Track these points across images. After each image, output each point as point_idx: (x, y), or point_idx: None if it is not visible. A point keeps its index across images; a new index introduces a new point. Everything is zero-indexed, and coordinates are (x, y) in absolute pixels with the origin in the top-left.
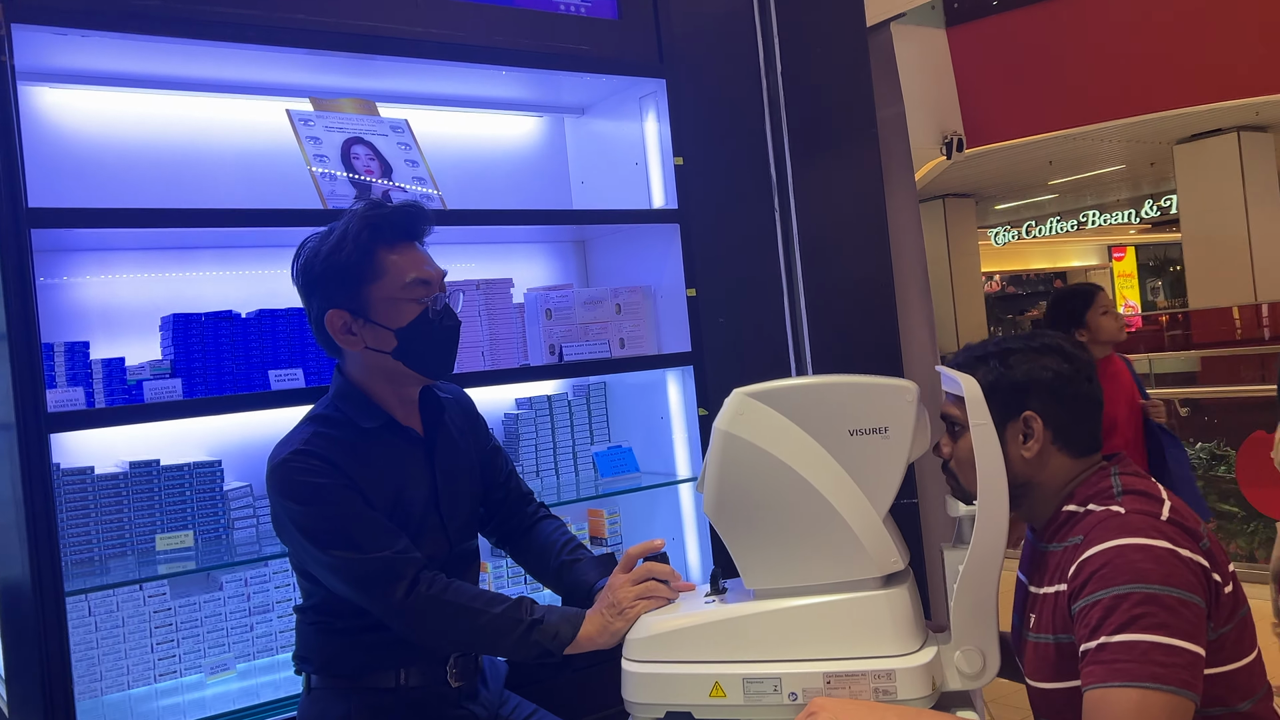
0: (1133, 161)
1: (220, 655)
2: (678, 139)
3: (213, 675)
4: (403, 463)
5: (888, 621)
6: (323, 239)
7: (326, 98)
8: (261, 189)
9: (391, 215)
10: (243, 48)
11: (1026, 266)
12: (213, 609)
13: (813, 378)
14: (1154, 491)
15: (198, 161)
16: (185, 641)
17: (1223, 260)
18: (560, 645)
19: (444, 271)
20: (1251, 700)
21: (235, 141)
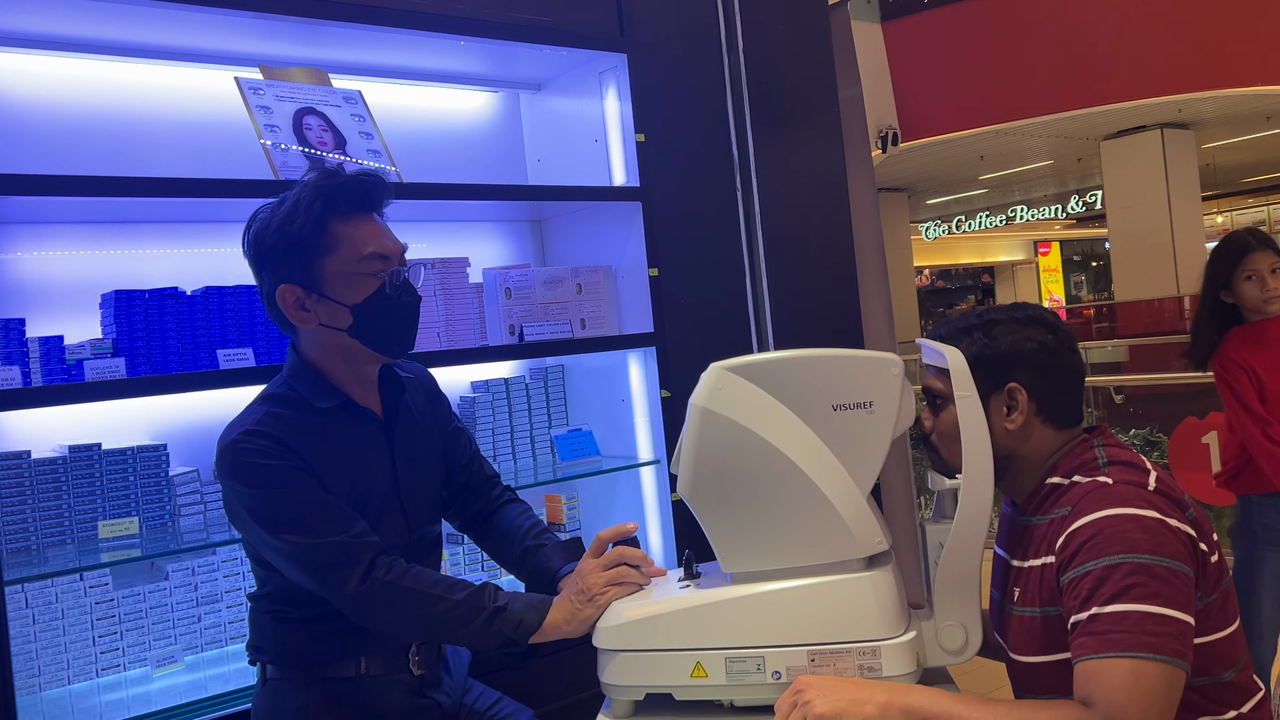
0: (1060, 157)
1: (167, 647)
2: (639, 115)
3: (159, 669)
4: (360, 445)
5: (873, 604)
6: (274, 209)
7: (277, 66)
8: (209, 161)
9: (347, 185)
10: (189, 10)
11: (955, 261)
12: (158, 599)
13: (794, 351)
14: (1139, 462)
15: (141, 131)
16: (129, 634)
17: (1147, 254)
18: (525, 634)
19: (404, 245)
20: (1234, 669)
21: (181, 111)
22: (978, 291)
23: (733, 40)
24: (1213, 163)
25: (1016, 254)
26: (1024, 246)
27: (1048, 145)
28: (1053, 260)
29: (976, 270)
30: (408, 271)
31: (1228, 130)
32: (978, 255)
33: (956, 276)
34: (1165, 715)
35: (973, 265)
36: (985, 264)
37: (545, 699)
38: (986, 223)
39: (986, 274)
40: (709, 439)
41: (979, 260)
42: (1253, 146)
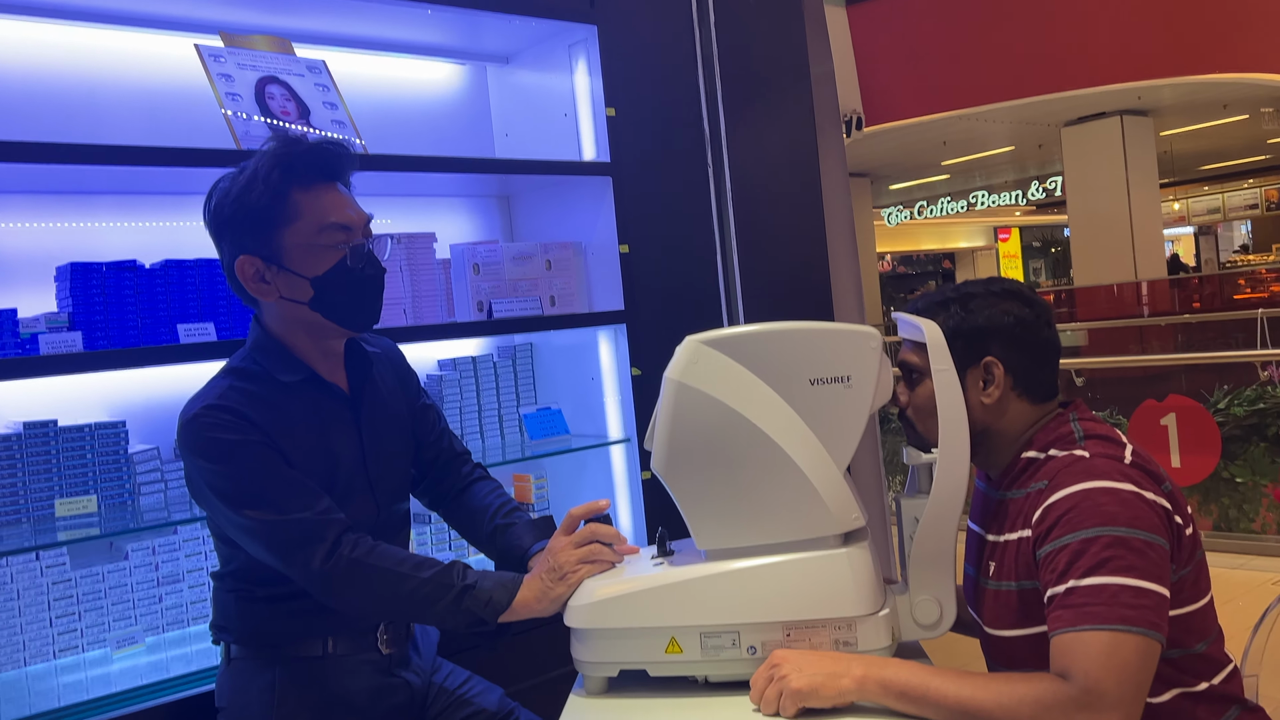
0: (1022, 143)
1: (127, 628)
2: (609, 89)
3: (119, 649)
4: (326, 420)
5: (849, 581)
6: (233, 179)
7: (238, 34)
8: (167, 130)
9: (307, 154)
10: None
11: (917, 247)
12: (117, 579)
13: (771, 324)
14: (1115, 436)
15: (96, 98)
16: (88, 614)
17: (1106, 239)
18: (494, 612)
19: (369, 216)
20: (1206, 641)
21: (137, 78)
22: (938, 277)
23: (704, 14)
24: (1170, 150)
25: (977, 240)
26: (984, 232)
27: (1009, 131)
28: (1013, 246)
29: (938, 256)
30: (372, 243)
31: (1185, 118)
32: (939, 241)
33: (918, 262)
34: (1141, 687)
35: (934, 251)
36: (946, 250)
37: (515, 677)
38: (948, 208)
39: (947, 260)
40: (684, 414)
41: (940, 246)
42: (1209, 134)
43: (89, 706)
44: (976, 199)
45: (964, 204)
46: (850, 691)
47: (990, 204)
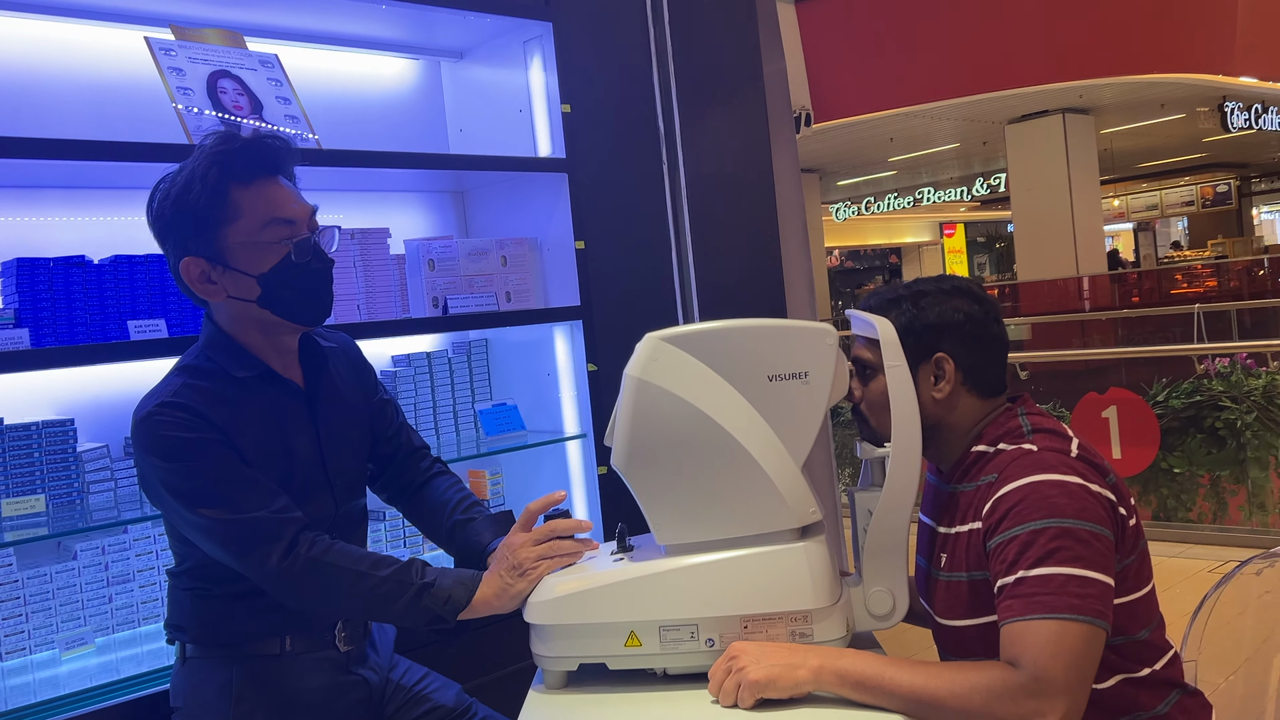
0: (967, 140)
1: (76, 629)
2: (565, 86)
3: (68, 651)
4: (282, 416)
5: (806, 574)
6: (172, 179)
7: (189, 27)
8: (115, 123)
9: (244, 149)
10: None
11: (864, 242)
12: (66, 579)
13: (730, 321)
14: (1061, 429)
15: (42, 90)
16: (35, 615)
17: (1048, 235)
18: (453, 610)
19: (313, 208)
20: (1148, 629)
21: (85, 70)
22: (885, 272)
23: (659, 12)
24: (1110, 148)
25: (923, 235)
26: (930, 228)
27: (955, 128)
28: (957, 241)
29: (884, 251)
30: (318, 235)
31: (1124, 116)
32: (885, 236)
33: (865, 257)
34: (1087, 673)
35: (880, 246)
36: (893, 245)
37: (472, 672)
38: (895, 204)
39: (894, 255)
40: (644, 410)
41: (887, 241)
42: (1147, 133)
43: (38, 709)
44: (923, 195)
45: (910, 200)
46: (807, 682)
47: (936, 200)
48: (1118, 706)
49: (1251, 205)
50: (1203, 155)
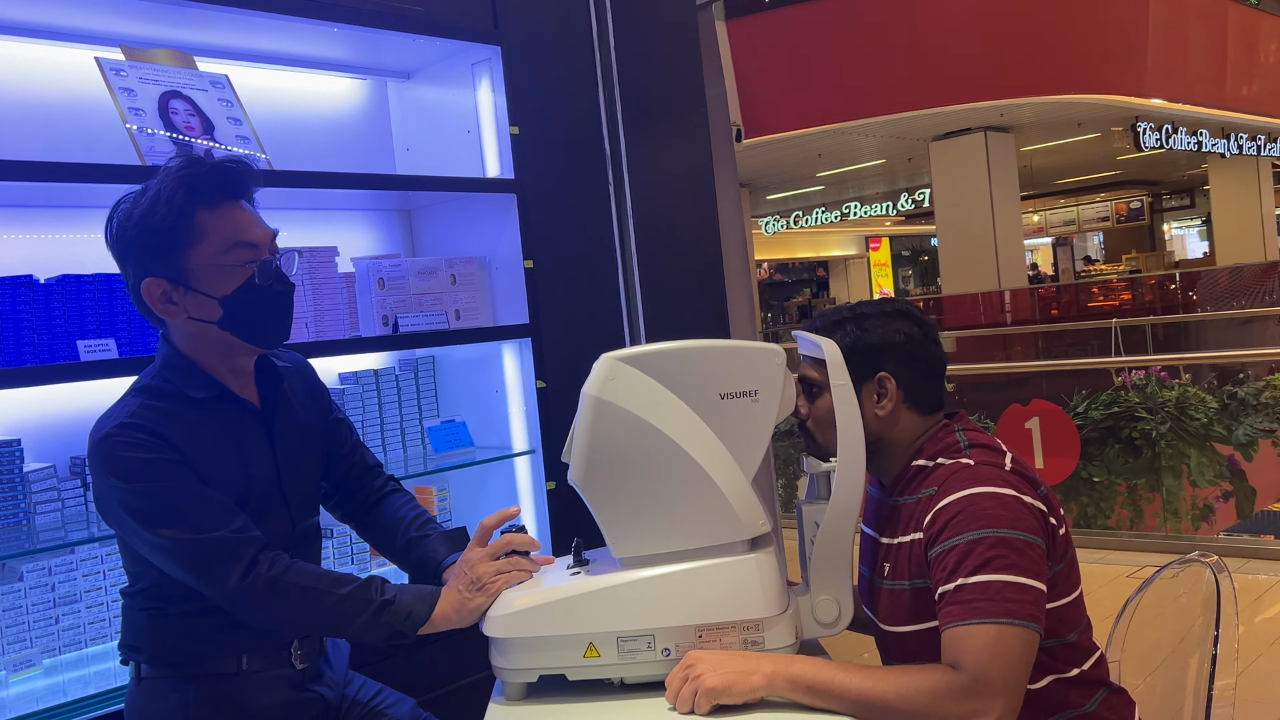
0: (892, 156)
1: (22, 651)
2: (513, 108)
3: (16, 673)
4: (239, 436)
5: (757, 584)
6: (135, 200)
7: (139, 47)
8: (64, 143)
9: (211, 173)
10: None
11: (793, 255)
12: (11, 601)
13: (684, 342)
14: (996, 444)
15: None
16: None
17: (971, 250)
18: (414, 626)
19: (274, 232)
20: (1076, 631)
21: (30, 89)
22: (813, 285)
23: (604, 36)
24: (1030, 165)
25: (849, 249)
26: (856, 241)
27: (881, 144)
28: (883, 255)
29: (812, 264)
30: (279, 259)
31: (1043, 135)
32: (813, 250)
33: (793, 270)
34: (1023, 674)
35: (808, 259)
36: (820, 258)
37: (425, 687)
38: (823, 218)
39: (821, 268)
40: (601, 427)
41: (814, 254)
42: (1065, 151)
43: None
44: (850, 209)
45: (838, 214)
46: (760, 688)
47: (862, 214)
48: (1049, 705)
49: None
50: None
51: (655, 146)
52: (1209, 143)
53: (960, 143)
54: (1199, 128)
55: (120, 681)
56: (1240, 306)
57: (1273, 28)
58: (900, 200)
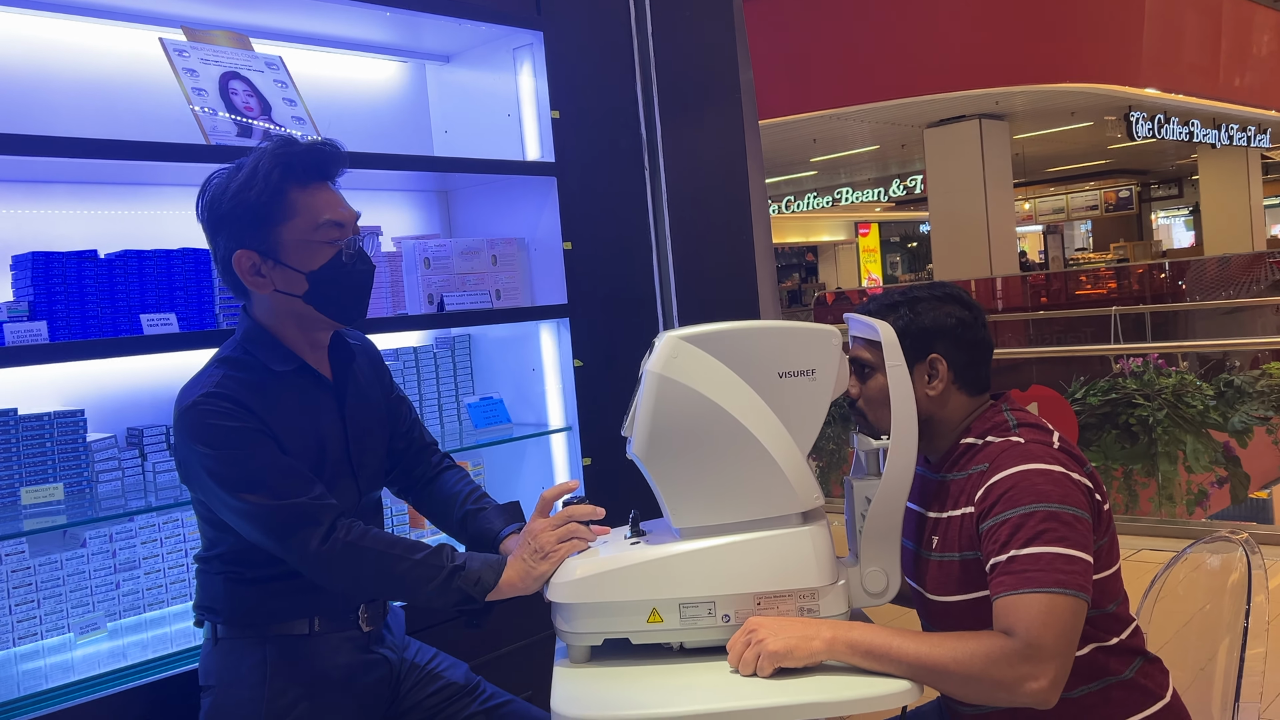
0: (886, 142)
1: (86, 615)
2: (554, 92)
3: (83, 635)
4: (314, 408)
5: (811, 556)
6: (230, 175)
7: (199, 29)
8: (119, 120)
9: (305, 154)
10: None
11: (783, 240)
12: (75, 566)
13: (744, 323)
14: (1043, 424)
15: (53, 88)
16: (46, 602)
17: (963, 237)
18: (483, 591)
19: (358, 214)
20: (1116, 603)
21: (94, 69)
22: (802, 269)
23: (642, 22)
24: (1022, 153)
25: (839, 234)
26: (846, 227)
27: (876, 130)
28: (872, 241)
29: (801, 249)
30: (362, 240)
31: (1037, 123)
32: (803, 234)
33: (782, 255)
34: (1073, 641)
35: (798, 244)
36: (810, 243)
37: (475, 652)
38: (814, 203)
39: (810, 253)
40: (664, 404)
41: (804, 239)
42: (1057, 139)
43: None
44: (841, 195)
45: (829, 200)
46: (821, 652)
47: (854, 200)
48: (1091, 672)
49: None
50: (1107, 161)
51: (690, 131)
52: (1200, 133)
53: (955, 130)
54: (1191, 118)
55: (179, 645)
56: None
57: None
58: (892, 186)
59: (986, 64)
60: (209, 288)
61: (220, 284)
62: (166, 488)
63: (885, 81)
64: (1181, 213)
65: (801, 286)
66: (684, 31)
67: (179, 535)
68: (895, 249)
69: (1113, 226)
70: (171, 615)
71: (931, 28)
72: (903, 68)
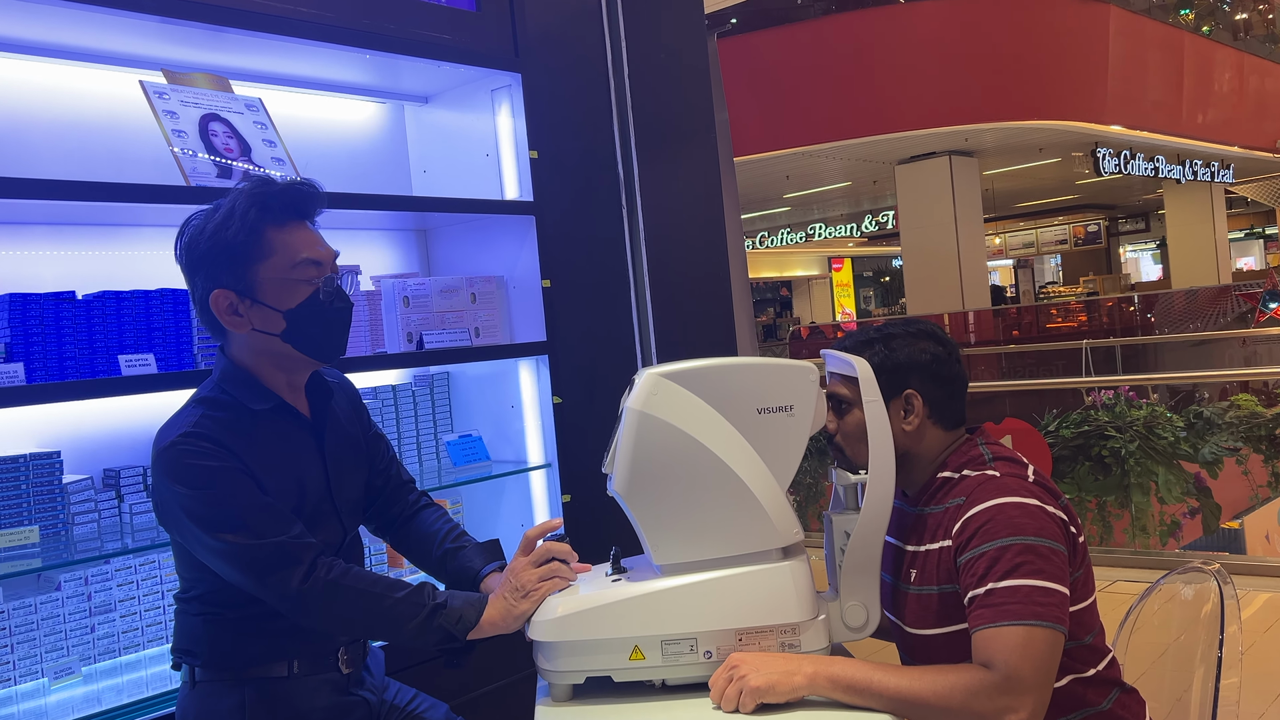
0: (858, 178)
1: (60, 659)
2: (533, 133)
3: (57, 680)
4: (294, 446)
5: (792, 590)
6: (208, 216)
7: (179, 71)
8: (99, 162)
9: (282, 193)
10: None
11: (757, 275)
12: (50, 610)
13: (723, 359)
14: (1018, 458)
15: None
16: (20, 646)
17: (935, 271)
18: (464, 629)
19: (336, 252)
20: (1092, 634)
21: (68, 111)
22: (776, 304)
23: (619, 64)
24: (991, 188)
25: (812, 269)
26: (819, 262)
27: (848, 167)
28: (845, 276)
29: (775, 284)
30: (340, 278)
31: (1005, 159)
32: (777, 269)
33: (757, 290)
34: (1051, 672)
35: (772, 279)
36: (784, 278)
37: (457, 692)
38: (788, 239)
39: (785, 288)
40: (645, 440)
41: (778, 274)
42: (1026, 175)
43: None
44: (814, 230)
45: (802, 235)
46: (803, 687)
47: (827, 235)
48: (1069, 703)
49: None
50: (1075, 196)
51: (667, 170)
52: (1165, 168)
53: (925, 166)
54: (1156, 154)
55: (155, 689)
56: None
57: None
58: (864, 222)
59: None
60: (187, 328)
61: (198, 324)
62: (143, 529)
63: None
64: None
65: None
66: (660, 72)
67: (156, 577)
68: (868, 283)
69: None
70: (147, 659)
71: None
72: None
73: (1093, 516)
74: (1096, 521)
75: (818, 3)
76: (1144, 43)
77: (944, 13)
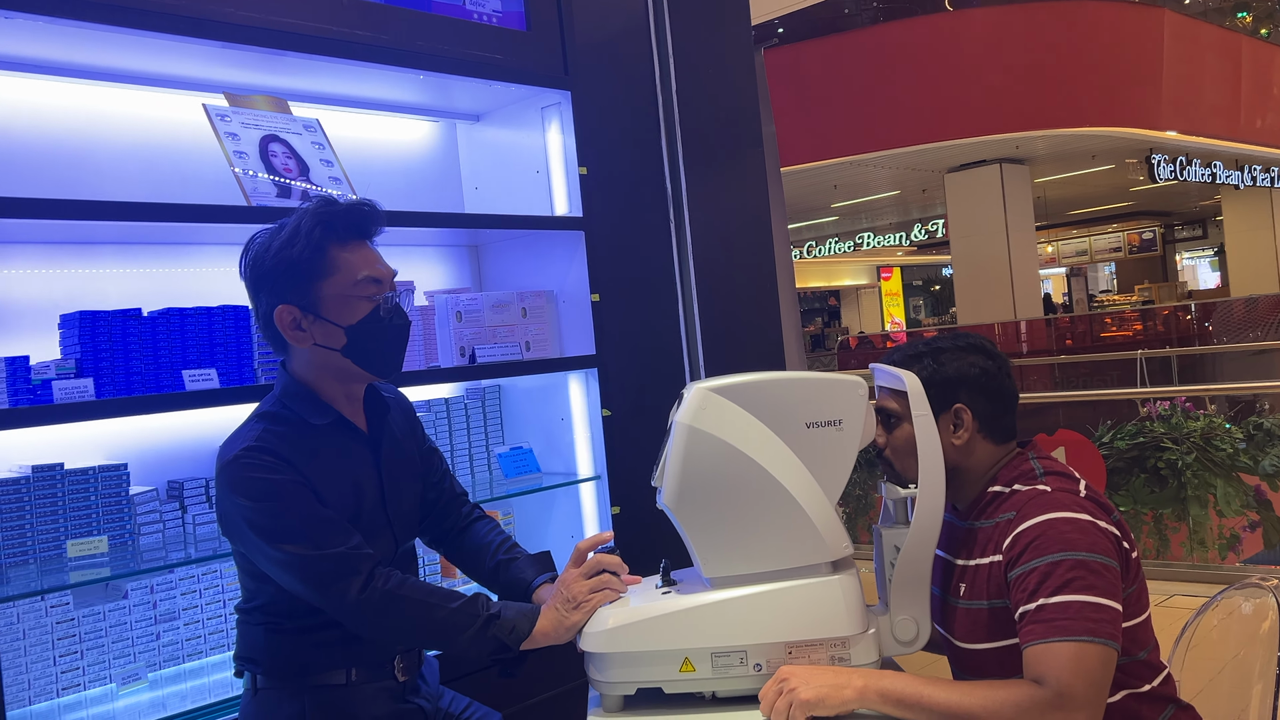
0: (907, 187)
1: (128, 665)
2: (582, 149)
3: (124, 686)
4: (351, 460)
5: (841, 604)
6: (273, 234)
7: (239, 94)
8: (163, 183)
9: (345, 213)
10: (157, 37)
11: (805, 285)
12: (117, 618)
13: (771, 374)
14: (1070, 472)
15: (99, 152)
16: (90, 653)
17: (986, 280)
18: (517, 639)
19: (395, 271)
20: (1146, 650)
21: (136, 133)
22: (825, 314)
23: (666, 81)
24: (1044, 196)
25: (861, 278)
26: (868, 271)
27: (896, 176)
28: (894, 285)
29: (823, 294)
30: (398, 296)
31: (1057, 166)
32: (825, 279)
33: (805, 300)
34: (1104, 688)
35: (820, 289)
36: (832, 288)
37: (509, 701)
38: (835, 248)
39: (833, 297)
40: (694, 454)
41: (826, 284)
42: (1078, 182)
43: None
44: (862, 239)
45: (850, 244)
46: (852, 700)
47: (875, 244)
48: (1124, 719)
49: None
50: (1130, 204)
51: (714, 184)
52: (1223, 174)
53: (976, 174)
54: (1213, 160)
55: (217, 696)
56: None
57: None
58: (914, 230)
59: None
60: (248, 344)
61: (260, 339)
62: (205, 540)
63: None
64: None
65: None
66: (707, 87)
67: (217, 586)
68: (918, 292)
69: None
70: (210, 665)
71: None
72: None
73: (1149, 530)
74: (1153, 535)
75: (865, 12)
76: (1200, 46)
77: (993, 19)
